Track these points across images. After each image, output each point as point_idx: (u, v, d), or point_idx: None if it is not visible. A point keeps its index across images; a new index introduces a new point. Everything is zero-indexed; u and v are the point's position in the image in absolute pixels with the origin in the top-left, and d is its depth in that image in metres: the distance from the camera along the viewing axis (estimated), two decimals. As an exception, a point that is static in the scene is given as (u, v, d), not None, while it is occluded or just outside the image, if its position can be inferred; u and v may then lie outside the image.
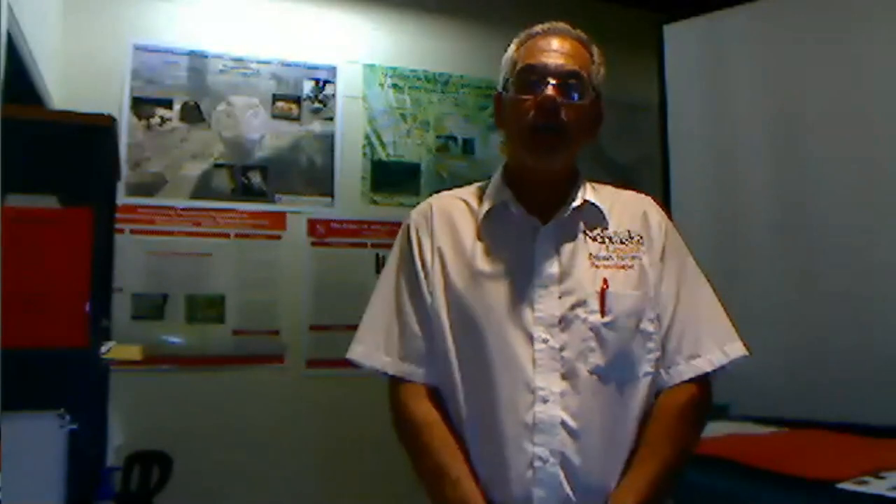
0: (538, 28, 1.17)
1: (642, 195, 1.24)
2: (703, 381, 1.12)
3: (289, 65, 2.83)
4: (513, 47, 1.18)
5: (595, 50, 1.17)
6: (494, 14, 3.02)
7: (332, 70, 2.90)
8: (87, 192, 1.34)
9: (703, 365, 1.11)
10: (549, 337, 1.07)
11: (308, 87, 2.86)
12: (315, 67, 2.87)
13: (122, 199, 2.48)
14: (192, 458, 2.28)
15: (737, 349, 1.13)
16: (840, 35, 2.30)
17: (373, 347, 1.15)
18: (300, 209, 2.81)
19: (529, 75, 1.11)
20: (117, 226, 2.13)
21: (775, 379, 1.94)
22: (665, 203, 2.54)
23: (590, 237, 1.13)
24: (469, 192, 1.23)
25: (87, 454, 1.31)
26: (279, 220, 2.78)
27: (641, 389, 1.09)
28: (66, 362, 1.27)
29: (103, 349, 1.47)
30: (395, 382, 1.15)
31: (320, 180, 2.85)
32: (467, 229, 1.16)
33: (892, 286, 2.13)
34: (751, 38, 2.52)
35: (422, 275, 1.14)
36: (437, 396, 1.12)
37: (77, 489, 1.25)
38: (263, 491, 2.61)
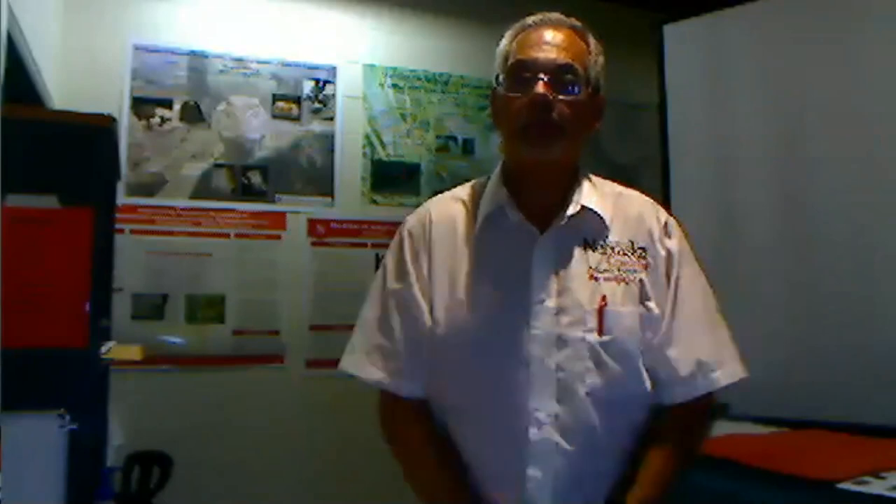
0: (531, 20, 1.12)
1: (646, 199, 1.18)
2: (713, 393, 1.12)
3: (289, 65, 2.83)
4: (505, 40, 1.12)
5: (592, 39, 1.12)
6: (494, 14, 2.99)
7: (332, 70, 2.90)
8: (87, 192, 1.34)
9: (720, 378, 1.10)
10: (545, 356, 1.03)
11: (308, 87, 2.86)
12: (315, 67, 2.87)
13: (122, 199, 2.48)
14: (192, 458, 2.28)
15: (740, 371, 1.12)
16: (840, 35, 2.29)
17: (364, 360, 1.12)
18: (300, 209, 2.81)
19: (521, 71, 1.06)
20: (117, 226, 2.13)
21: (775, 379, 1.93)
22: (665, 203, 2.53)
23: (590, 248, 1.08)
24: (467, 192, 1.18)
25: (87, 454, 1.31)
26: (279, 220, 2.78)
27: (637, 408, 1.08)
28: (66, 362, 1.27)
29: (103, 349, 1.46)
30: (383, 395, 1.13)
31: (320, 180, 2.85)
32: (464, 238, 1.11)
33: (892, 286, 2.12)
34: (751, 38, 2.51)
35: (415, 288, 1.10)
36: (424, 410, 1.10)
37: (77, 489, 1.25)
38: (263, 491, 2.61)
